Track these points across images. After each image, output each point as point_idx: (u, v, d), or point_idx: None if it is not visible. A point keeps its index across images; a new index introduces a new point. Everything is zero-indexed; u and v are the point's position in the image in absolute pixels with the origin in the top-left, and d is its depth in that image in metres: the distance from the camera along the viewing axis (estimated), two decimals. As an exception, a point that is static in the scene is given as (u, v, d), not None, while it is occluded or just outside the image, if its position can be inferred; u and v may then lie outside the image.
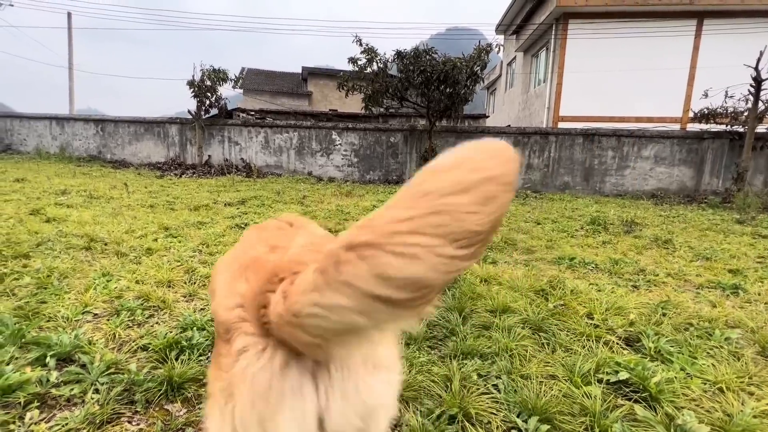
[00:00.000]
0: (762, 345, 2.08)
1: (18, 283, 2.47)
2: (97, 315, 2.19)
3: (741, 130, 9.91)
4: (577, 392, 1.60)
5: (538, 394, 1.58)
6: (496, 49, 10.63)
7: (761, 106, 9.31)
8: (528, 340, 2.06)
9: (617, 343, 2.07)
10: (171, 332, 1.98)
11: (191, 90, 11.42)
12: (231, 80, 11.97)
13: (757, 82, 9.17)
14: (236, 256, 0.93)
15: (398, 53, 10.29)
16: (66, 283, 2.56)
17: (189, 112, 11.78)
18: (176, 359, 1.75)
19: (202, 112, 11.73)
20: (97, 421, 1.39)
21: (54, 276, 2.62)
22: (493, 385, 1.67)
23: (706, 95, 10.01)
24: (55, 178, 7.76)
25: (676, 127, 14.19)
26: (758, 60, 9.10)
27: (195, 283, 2.71)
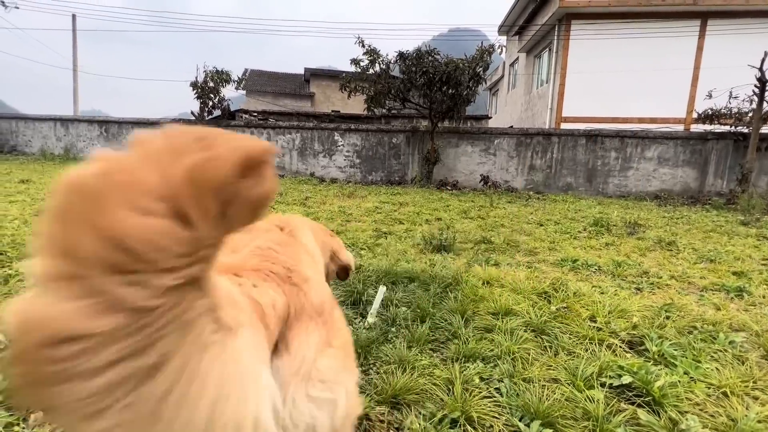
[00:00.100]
0: (767, 349, 2.06)
1: (22, 285, 2.48)
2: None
3: (745, 130, 9.87)
4: (580, 396, 1.60)
5: (541, 398, 1.57)
6: (499, 50, 10.65)
7: (766, 107, 9.26)
8: (530, 343, 2.05)
9: (620, 347, 2.06)
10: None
11: (194, 91, 11.49)
12: (234, 81, 12.04)
13: (762, 82, 9.12)
14: None
15: (400, 54, 10.31)
16: (70, 284, 2.57)
17: (192, 113, 11.84)
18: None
19: (205, 114, 11.79)
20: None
21: (58, 277, 2.64)
22: (496, 389, 1.67)
23: (710, 96, 9.98)
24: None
25: (680, 127, 14.13)
26: (763, 60, 9.05)
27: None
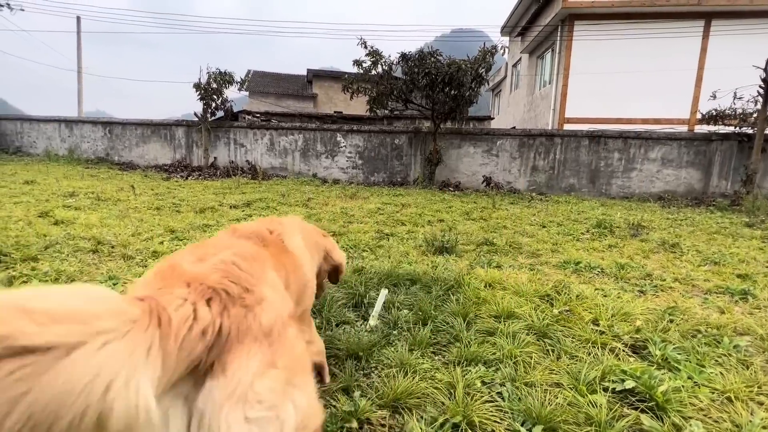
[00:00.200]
0: (771, 353, 2.05)
1: (27, 286, 2.50)
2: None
3: (750, 131, 9.80)
4: (583, 401, 1.59)
5: (543, 403, 1.56)
6: (501, 50, 10.63)
7: (771, 108, 9.19)
8: (533, 346, 2.04)
9: (623, 350, 2.05)
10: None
11: (197, 93, 11.52)
12: (237, 83, 12.06)
13: (767, 83, 9.06)
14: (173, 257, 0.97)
15: (403, 55, 10.32)
16: (73, 286, 2.58)
17: (195, 114, 11.87)
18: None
19: (208, 115, 11.82)
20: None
21: (62, 279, 2.65)
22: (497, 393, 1.66)
23: (715, 96, 9.91)
24: (63, 180, 7.86)
25: (684, 128, 14.06)
26: (767, 61, 8.99)
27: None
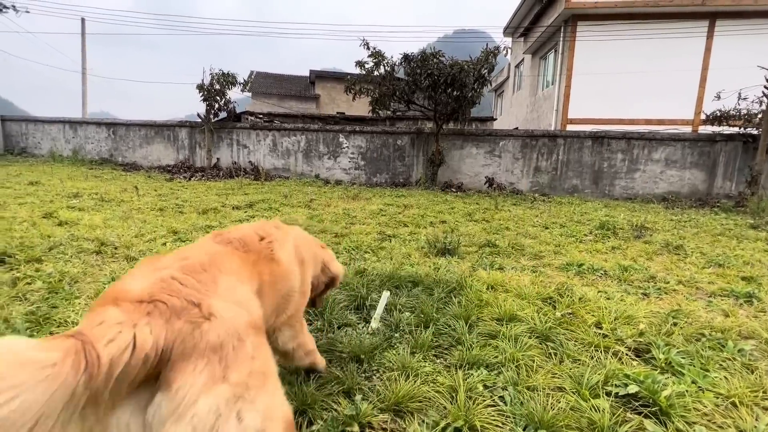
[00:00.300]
0: (777, 357, 2.03)
1: (30, 288, 2.51)
2: (106, 320, 2.21)
3: (755, 132, 9.73)
4: (585, 405, 1.58)
5: (545, 407, 1.55)
6: (504, 51, 10.59)
7: (776, 108, 9.12)
8: (535, 349, 2.03)
9: (626, 354, 2.03)
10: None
11: (201, 94, 11.57)
12: (240, 84, 12.09)
13: (772, 83, 9.00)
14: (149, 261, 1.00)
15: (405, 56, 10.31)
16: (76, 287, 2.60)
17: (198, 115, 11.92)
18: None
19: (211, 116, 11.87)
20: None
21: (65, 280, 2.66)
22: (499, 397, 1.66)
23: (719, 97, 9.86)
24: (67, 181, 7.90)
25: (688, 129, 13.99)
26: (772, 61, 8.94)
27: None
